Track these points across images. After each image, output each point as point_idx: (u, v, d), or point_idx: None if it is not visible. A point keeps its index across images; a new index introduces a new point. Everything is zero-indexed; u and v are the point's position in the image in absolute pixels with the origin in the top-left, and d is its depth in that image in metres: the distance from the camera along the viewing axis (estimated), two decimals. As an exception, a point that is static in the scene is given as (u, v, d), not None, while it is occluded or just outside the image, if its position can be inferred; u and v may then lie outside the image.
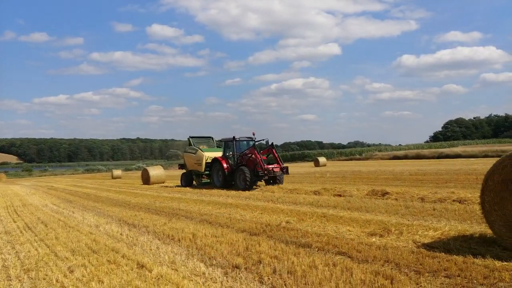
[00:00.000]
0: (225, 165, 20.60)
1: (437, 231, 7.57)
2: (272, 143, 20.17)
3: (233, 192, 18.09)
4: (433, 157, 49.52)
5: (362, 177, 22.88)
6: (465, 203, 10.60)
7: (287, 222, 9.39)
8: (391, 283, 4.94)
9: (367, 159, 60.05)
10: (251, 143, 21.16)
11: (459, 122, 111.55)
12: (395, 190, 13.55)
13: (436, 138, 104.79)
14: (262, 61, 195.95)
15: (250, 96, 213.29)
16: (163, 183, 29.58)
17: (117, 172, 49.48)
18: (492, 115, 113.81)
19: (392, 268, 5.50)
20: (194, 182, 24.20)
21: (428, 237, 7.19)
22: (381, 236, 7.46)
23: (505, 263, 5.44)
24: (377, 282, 4.98)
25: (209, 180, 23.27)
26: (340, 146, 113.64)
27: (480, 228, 7.52)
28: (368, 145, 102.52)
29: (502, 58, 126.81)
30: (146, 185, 28.49)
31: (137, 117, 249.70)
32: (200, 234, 8.50)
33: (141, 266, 6.39)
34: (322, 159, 46.70)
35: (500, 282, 4.78)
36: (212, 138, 25.90)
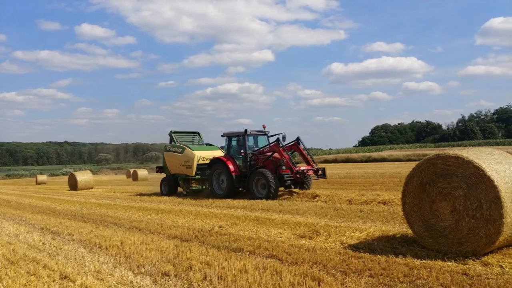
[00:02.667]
0: (231, 167, 15.76)
1: (363, 232, 7.90)
2: (298, 137, 15.50)
3: (165, 198, 17.70)
4: (361, 161, 51.83)
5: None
6: (389, 205, 11.17)
7: (220, 227, 9.34)
8: (319, 284, 5.07)
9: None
10: (265, 138, 16.81)
11: (385, 127, 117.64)
12: (325, 193, 13.97)
13: (364, 142, 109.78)
14: (197, 65, 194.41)
15: (185, 99, 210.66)
16: (91, 188, 28.36)
17: (42, 178, 46.86)
18: (415, 121, 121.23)
19: (320, 270, 5.64)
20: (181, 190, 18.97)
21: (354, 238, 7.48)
22: (310, 238, 7.65)
23: (423, 261, 5.78)
24: (305, 284, 5.08)
25: (201, 187, 18.87)
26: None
27: (402, 228, 7.94)
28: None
29: (422, 69, 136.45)
30: (73, 191, 27.18)
31: (65, 119, 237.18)
32: (129, 242, 8.21)
33: (64, 276, 6.04)
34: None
35: (418, 279, 5.06)
36: (199, 133, 21.05)
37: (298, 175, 14.34)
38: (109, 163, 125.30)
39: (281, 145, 14.87)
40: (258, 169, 14.93)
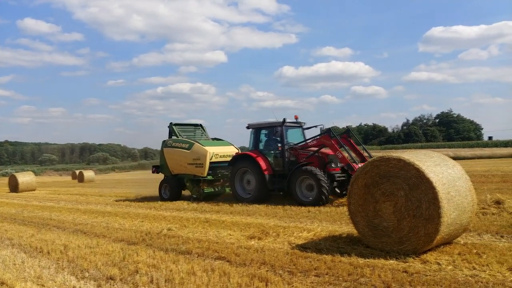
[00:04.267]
0: (263, 165, 13.25)
1: (310, 232, 8.05)
2: (349, 129, 13.47)
3: (110, 200, 17.19)
4: (311, 163, 52.72)
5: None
6: (336, 205, 11.46)
7: (169, 229, 9.21)
8: (266, 285, 5.11)
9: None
10: (299, 131, 14.40)
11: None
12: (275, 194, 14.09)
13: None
14: (148, 63, 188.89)
15: (135, 98, 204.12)
16: (34, 190, 27.10)
17: (-21, 179, 44.17)
18: (362, 124, 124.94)
19: (267, 270, 5.69)
20: (189, 194, 15.70)
21: (302, 238, 7.61)
22: (259, 239, 7.70)
23: (367, 260, 5.98)
24: (253, 284, 5.11)
25: (213, 190, 15.59)
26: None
27: (348, 228, 8.17)
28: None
29: (370, 73, 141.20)
30: (14, 193, 25.89)
31: (6, 118, 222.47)
32: (72, 245, 7.91)
33: (1, 283, 5.72)
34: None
35: (361, 277, 5.23)
36: (202, 125, 18.02)
37: None
38: (54, 164, 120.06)
39: (333, 137, 12.51)
40: (302, 167, 12.33)
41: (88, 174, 40.75)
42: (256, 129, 14.27)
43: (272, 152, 13.70)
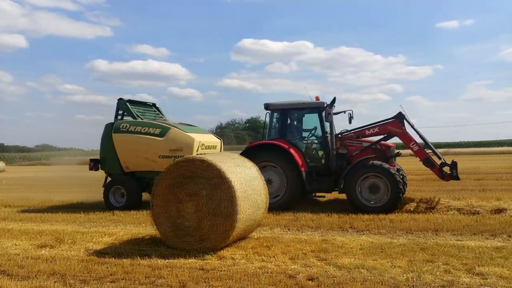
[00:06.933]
0: (299, 159, 10.12)
1: (112, 236, 7.65)
2: (401, 112, 10.39)
3: None
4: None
5: (52, 185, 21.22)
6: (144, 208, 11.16)
7: None
8: (52, 297, 4.61)
9: (50, 164, 56.04)
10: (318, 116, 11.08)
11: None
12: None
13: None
14: None
15: None
16: None
17: None
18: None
19: (56, 281, 5.14)
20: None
21: (101, 243, 7.16)
22: (52, 247, 6.97)
23: (167, 260, 5.94)
24: (36, 299, 4.56)
25: None
26: (25, 150, 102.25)
27: (152, 230, 7.95)
28: (59, 149, 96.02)
29: (186, 76, 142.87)
30: None
31: None
32: None
33: None
34: (0, 164, 41.04)
35: (159, 279, 5.15)
36: (156, 106, 13.62)
37: (445, 173, 9.87)
38: None
39: (408, 122, 10.25)
40: (363, 162, 9.80)
41: None
42: (282, 110, 10.96)
43: (305, 142, 10.91)
